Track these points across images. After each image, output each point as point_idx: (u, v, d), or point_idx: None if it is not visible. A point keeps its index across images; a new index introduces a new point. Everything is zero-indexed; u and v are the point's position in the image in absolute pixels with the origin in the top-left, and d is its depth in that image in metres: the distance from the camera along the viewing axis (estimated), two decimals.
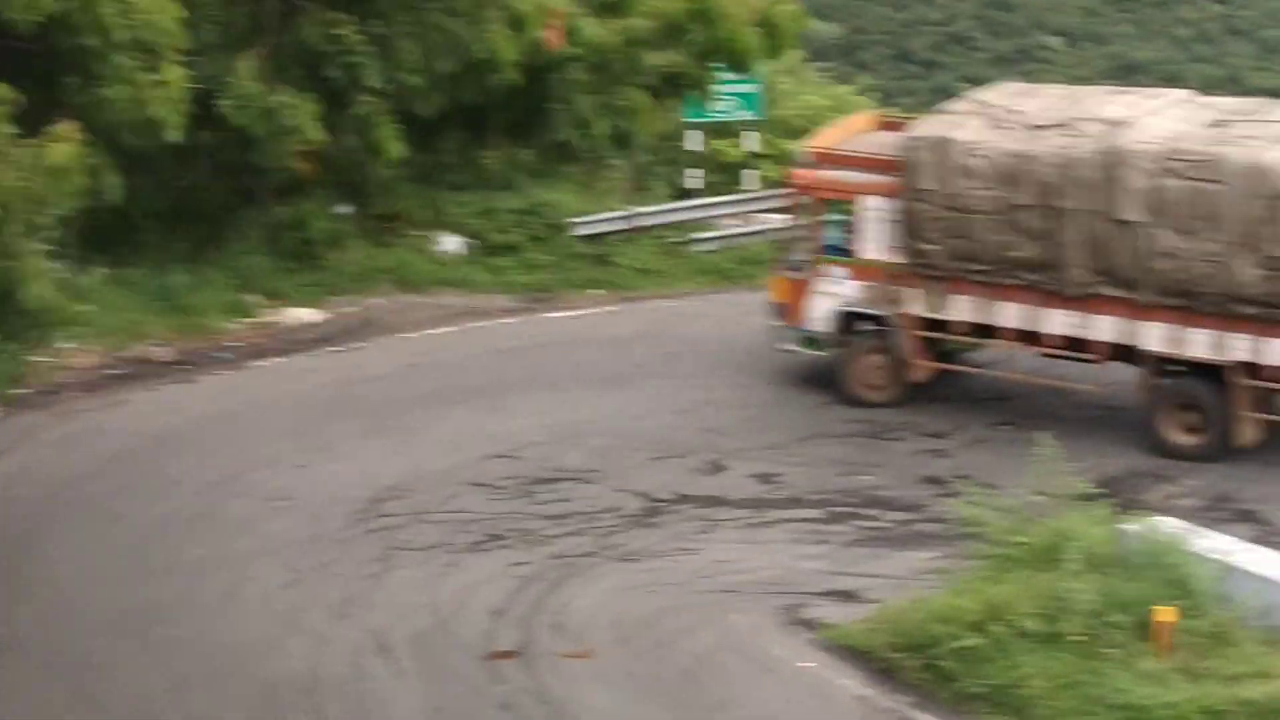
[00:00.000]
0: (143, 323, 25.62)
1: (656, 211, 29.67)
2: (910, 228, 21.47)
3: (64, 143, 10.43)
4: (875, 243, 21.95)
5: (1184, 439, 20.62)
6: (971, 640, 15.09)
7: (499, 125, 28.67)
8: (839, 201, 22.46)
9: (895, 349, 22.09)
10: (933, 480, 20.16)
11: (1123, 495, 19.17)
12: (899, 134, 22.35)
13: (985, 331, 21.66)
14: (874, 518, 19.28)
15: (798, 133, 29.33)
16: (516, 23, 11.65)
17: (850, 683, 15.53)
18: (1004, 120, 21.22)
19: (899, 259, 21.75)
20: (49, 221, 11.20)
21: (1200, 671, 14.56)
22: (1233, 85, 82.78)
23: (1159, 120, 20.71)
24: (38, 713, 15.61)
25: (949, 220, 21.13)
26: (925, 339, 21.97)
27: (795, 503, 19.75)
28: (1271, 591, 15.06)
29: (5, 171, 10.11)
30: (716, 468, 20.78)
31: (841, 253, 22.39)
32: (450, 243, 29.04)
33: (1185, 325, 20.23)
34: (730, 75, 28.92)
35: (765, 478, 20.42)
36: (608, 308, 27.40)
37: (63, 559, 18.40)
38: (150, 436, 21.94)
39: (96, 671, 16.26)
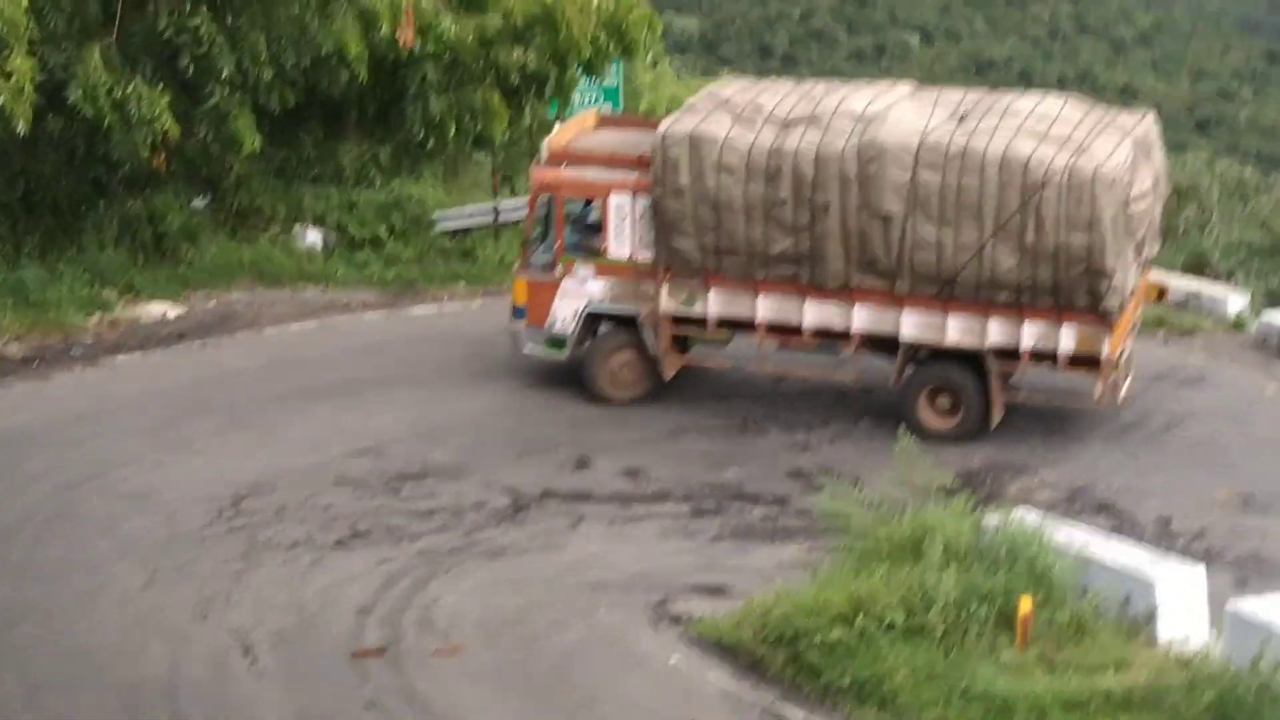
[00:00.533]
0: None
1: (520, 206, 29.60)
2: (664, 224, 21.43)
3: None
4: (623, 240, 21.91)
5: (939, 422, 21.26)
6: (837, 633, 15.20)
7: (356, 120, 28.44)
8: (584, 200, 22.45)
9: (645, 346, 22.16)
10: (798, 474, 20.30)
11: (983, 488, 19.51)
12: (644, 130, 22.39)
13: (739, 325, 21.82)
14: (740, 512, 19.37)
15: None
16: (367, 18, 11.46)
17: (718, 676, 15.57)
18: (749, 116, 21.35)
19: (649, 256, 21.77)
20: None
21: (1060, 662, 14.78)
22: (1085, 83, 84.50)
23: (908, 114, 21.12)
24: None
25: (705, 216, 21.19)
26: (675, 335, 22.07)
27: (662, 497, 19.79)
28: (1128, 583, 15.33)
29: None
30: (583, 463, 20.76)
31: (586, 252, 22.29)
32: (311, 236, 28.76)
33: (943, 313, 20.86)
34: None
35: (632, 473, 20.44)
36: (472, 302, 27.30)
37: None
38: (2, 435, 21.47)
39: None
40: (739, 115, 21.34)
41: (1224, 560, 17.96)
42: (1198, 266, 31.71)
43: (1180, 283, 27.20)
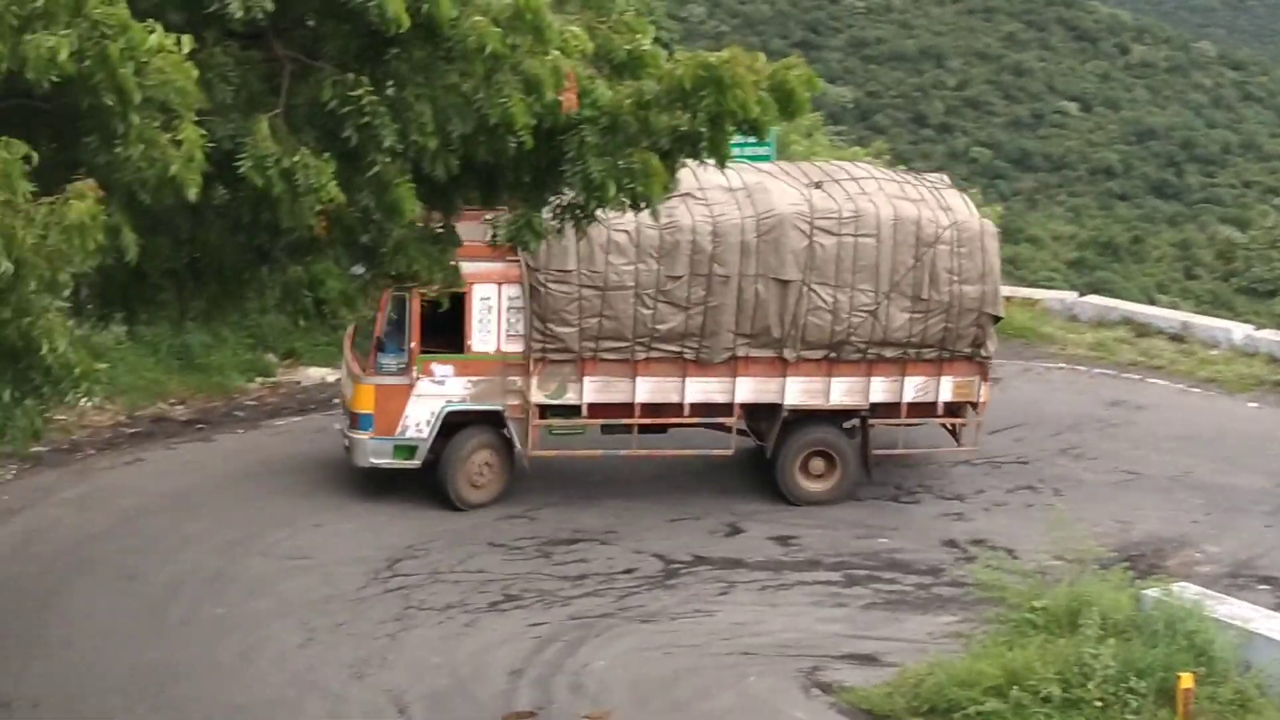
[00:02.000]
0: (160, 381, 25.62)
1: None
2: (543, 312, 20.54)
3: (82, 200, 10.44)
4: (488, 334, 20.79)
5: (815, 486, 21.38)
6: (991, 705, 15.04)
7: (511, 186, 28.64)
8: (443, 295, 20.38)
9: (508, 442, 21.13)
10: (951, 544, 20.11)
11: (1143, 561, 19.16)
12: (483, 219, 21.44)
13: (611, 410, 21.00)
14: (893, 581, 19.23)
15: None
16: (531, 86, 11.63)
17: None
18: None
19: (518, 347, 20.76)
20: (67, 279, 11.21)
21: None
22: (1249, 151, 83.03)
23: (778, 183, 21.28)
24: None
25: (589, 299, 20.49)
26: (540, 427, 21.01)
27: (813, 565, 19.71)
28: None
29: (24, 229, 10.12)
30: (734, 530, 20.74)
31: (442, 349, 20.96)
32: None
33: (827, 376, 20.99)
34: (742, 137, 28.98)
35: (783, 540, 20.38)
36: None
37: (79, 617, 18.35)
38: (167, 495, 21.92)
39: None
40: None
41: None
42: None
43: None
